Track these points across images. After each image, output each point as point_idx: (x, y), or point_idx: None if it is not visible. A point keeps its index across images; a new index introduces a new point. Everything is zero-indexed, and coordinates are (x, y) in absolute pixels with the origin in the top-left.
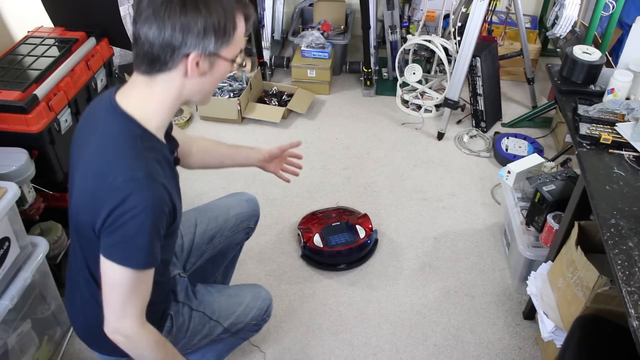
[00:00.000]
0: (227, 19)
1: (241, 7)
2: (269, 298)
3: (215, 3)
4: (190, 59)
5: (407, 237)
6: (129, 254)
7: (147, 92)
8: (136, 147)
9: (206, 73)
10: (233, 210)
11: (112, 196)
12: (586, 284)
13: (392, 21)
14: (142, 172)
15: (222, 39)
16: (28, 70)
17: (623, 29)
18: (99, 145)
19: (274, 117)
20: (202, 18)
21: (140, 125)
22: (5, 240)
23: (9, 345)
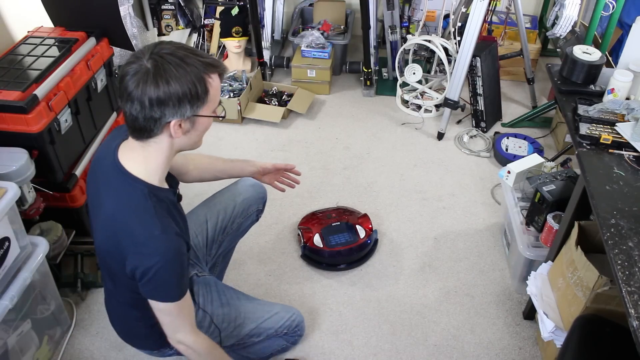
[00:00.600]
0: (198, 86)
1: (210, 70)
2: (300, 316)
3: (184, 76)
4: (171, 125)
5: (407, 237)
6: (166, 293)
7: (145, 154)
8: (147, 206)
9: (190, 131)
10: (240, 197)
11: (137, 253)
12: (586, 284)
13: (392, 21)
14: (158, 229)
15: (197, 103)
16: (28, 70)
17: (623, 29)
18: (116, 207)
19: (274, 117)
20: (175, 91)
21: (146, 183)
22: (5, 240)
23: (9, 345)
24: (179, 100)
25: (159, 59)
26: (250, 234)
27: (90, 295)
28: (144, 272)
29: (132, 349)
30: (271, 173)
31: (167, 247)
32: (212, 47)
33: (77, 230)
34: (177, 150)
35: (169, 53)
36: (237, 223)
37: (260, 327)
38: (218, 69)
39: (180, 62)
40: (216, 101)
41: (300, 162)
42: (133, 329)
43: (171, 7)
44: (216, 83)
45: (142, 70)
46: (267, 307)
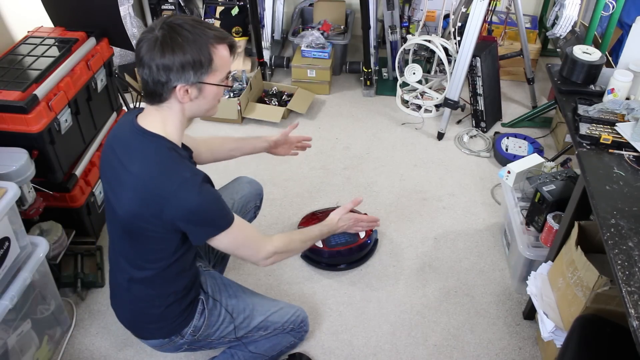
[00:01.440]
0: (201, 54)
1: (216, 40)
2: (304, 313)
3: (188, 44)
4: (177, 89)
5: (407, 237)
6: (218, 226)
7: (161, 117)
8: (172, 156)
9: (198, 97)
10: (238, 195)
11: (174, 200)
12: (586, 284)
13: (392, 21)
14: (188, 172)
15: (201, 70)
16: (28, 70)
17: (623, 29)
18: (144, 165)
19: (274, 117)
20: (178, 58)
21: (167, 139)
22: (5, 240)
23: (9, 345)
24: (182, 66)
25: (168, 28)
26: None
27: (90, 295)
28: (189, 216)
29: (132, 349)
30: (284, 145)
31: (201, 186)
32: None
33: (77, 230)
34: (189, 116)
35: (179, 24)
36: None
37: (267, 320)
38: (225, 40)
39: (187, 32)
40: (224, 71)
41: (300, 162)
42: (145, 313)
43: (171, 7)
44: (222, 53)
45: (152, 38)
46: (273, 302)
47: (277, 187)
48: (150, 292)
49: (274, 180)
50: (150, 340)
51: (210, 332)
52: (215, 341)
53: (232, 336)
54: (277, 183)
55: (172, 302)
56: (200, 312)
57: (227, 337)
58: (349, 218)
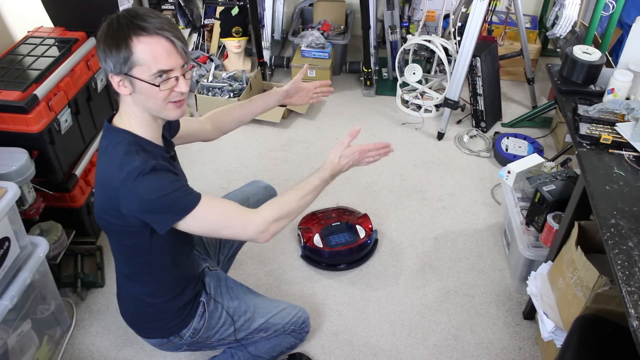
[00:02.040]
0: (118, 43)
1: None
2: (306, 313)
3: (110, 33)
4: (109, 78)
5: (407, 237)
6: (180, 209)
7: (122, 110)
8: (129, 150)
9: (134, 92)
10: (253, 198)
11: (125, 190)
12: (586, 284)
13: (392, 21)
14: (138, 161)
15: (120, 61)
16: (28, 70)
17: (623, 29)
18: (104, 159)
19: (274, 117)
20: (100, 48)
21: (131, 133)
22: (5, 240)
23: (9, 345)
24: (104, 55)
25: (110, 20)
26: None
27: (90, 295)
28: (141, 203)
29: (132, 348)
30: (299, 92)
31: (150, 171)
32: (212, 47)
33: (77, 230)
34: (145, 111)
35: (119, 15)
36: None
37: (268, 322)
38: (154, 34)
39: (117, 23)
40: (153, 65)
41: (300, 162)
42: (141, 312)
43: (171, 7)
44: (149, 47)
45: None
46: (275, 303)
47: (277, 187)
48: (140, 289)
49: (274, 181)
50: (149, 339)
51: (210, 334)
52: (215, 343)
53: (232, 338)
54: (277, 183)
55: (165, 300)
56: (201, 315)
57: (227, 339)
58: (352, 152)
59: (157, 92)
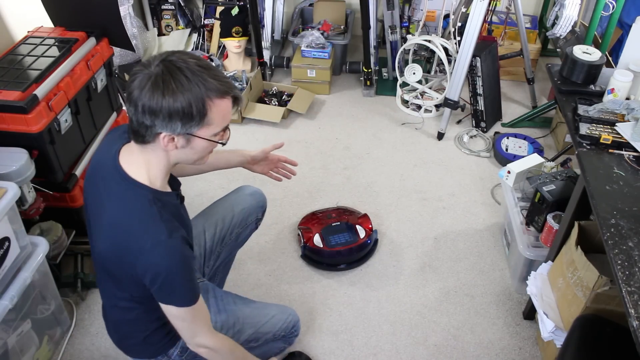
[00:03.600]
0: (194, 106)
1: (215, 95)
2: (296, 316)
3: (182, 92)
4: (161, 137)
5: (407, 237)
6: (179, 298)
7: (145, 159)
8: (152, 212)
9: (185, 147)
10: (238, 207)
11: (145, 259)
12: (586, 284)
13: (392, 21)
14: (164, 234)
15: (191, 123)
16: (28, 70)
17: (623, 29)
18: (119, 213)
19: (274, 117)
20: (167, 105)
21: (150, 189)
22: (5, 240)
23: (9, 345)
24: (169, 115)
25: (165, 69)
26: None
27: (90, 295)
28: (154, 278)
29: None
30: (264, 162)
31: (174, 252)
32: (212, 47)
33: (77, 230)
34: (175, 162)
35: (178, 67)
36: (236, 233)
37: (258, 332)
38: (227, 94)
39: (185, 78)
40: (220, 125)
41: (300, 162)
42: (129, 334)
43: (171, 7)
44: (221, 108)
45: (146, 76)
46: (264, 310)
47: (277, 187)
48: (128, 316)
49: (273, 181)
50: (136, 358)
51: None
52: None
53: None
54: (277, 183)
55: (155, 328)
56: None
57: None
58: None
59: (212, 148)
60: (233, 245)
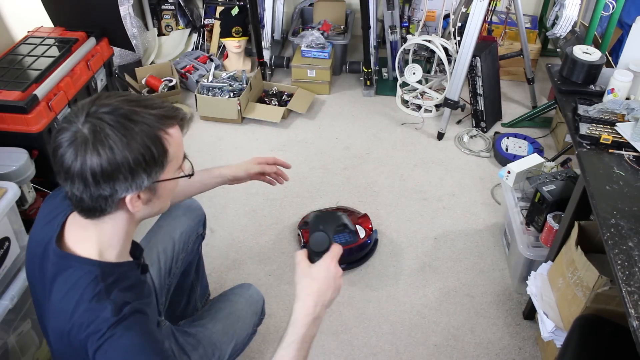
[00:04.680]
0: (153, 147)
1: (166, 124)
2: (261, 298)
3: (132, 138)
4: (127, 201)
5: (407, 237)
6: None
7: (98, 231)
8: (98, 290)
9: (151, 199)
10: (176, 232)
11: (96, 344)
12: (586, 284)
13: (392, 21)
14: (108, 311)
15: (155, 169)
16: (28, 70)
17: (623, 29)
18: (64, 299)
19: (274, 117)
20: (123, 161)
21: (99, 263)
22: (5, 241)
23: (9, 345)
24: (131, 170)
25: (96, 121)
26: (250, 234)
27: None
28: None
29: None
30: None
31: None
32: (212, 47)
33: None
34: (138, 221)
35: (108, 112)
36: (182, 259)
37: (237, 344)
38: (176, 119)
39: (125, 120)
40: (179, 157)
41: (300, 162)
42: None
43: (171, 7)
44: (176, 137)
45: (78, 138)
46: (233, 315)
47: (277, 187)
48: None
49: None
50: None
51: None
52: None
53: None
54: None
55: None
56: None
57: None
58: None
59: (178, 184)
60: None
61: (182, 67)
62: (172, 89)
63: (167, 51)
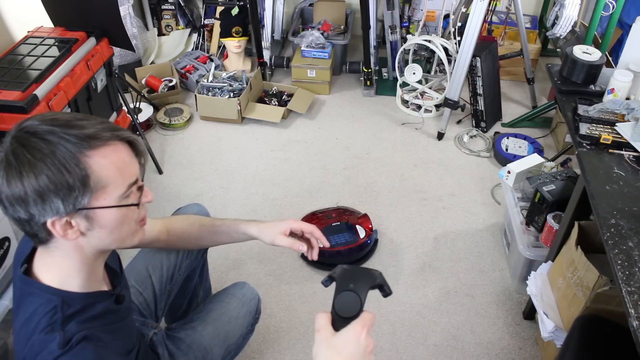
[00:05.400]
0: (67, 170)
1: (89, 146)
2: (255, 296)
3: (43, 160)
4: (49, 226)
5: (407, 237)
6: None
7: (54, 259)
8: (52, 319)
9: (92, 228)
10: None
11: None
12: (586, 284)
13: (392, 21)
14: (54, 343)
15: (73, 194)
16: (28, 70)
17: (623, 29)
18: (22, 326)
19: (274, 117)
20: (31, 186)
21: (60, 292)
22: (5, 240)
23: (9, 346)
24: (40, 195)
25: (15, 142)
26: None
27: None
28: None
29: None
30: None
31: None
32: (212, 47)
33: None
34: (95, 252)
35: (32, 131)
36: (185, 266)
37: (230, 345)
38: (108, 141)
39: (42, 141)
40: (121, 182)
41: (300, 162)
42: None
43: (171, 7)
44: (108, 160)
45: None
46: (224, 317)
47: (277, 187)
48: None
49: (274, 180)
50: None
51: None
52: None
53: None
54: (277, 183)
55: None
56: None
57: None
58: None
59: (131, 216)
60: (185, 277)
61: (182, 67)
62: (172, 89)
63: (167, 51)
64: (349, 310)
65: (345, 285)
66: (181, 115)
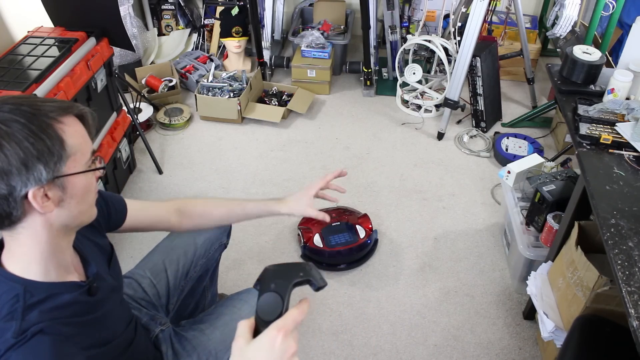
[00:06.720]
0: (45, 136)
1: (59, 113)
2: None
3: (20, 130)
4: (31, 198)
5: (407, 237)
6: None
7: (19, 244)
8: (13, 309)
9: (64, 198)
10: (200, 237)
11: None
12: (586, 284)
13: (392, 21)
14: (11, 333)
15: (53, 160)
16: (28, 70)
17: (623, 29)
18: None
19: (274, 117)
20: (14, 154)
21: (22, 280)
22: None
23: None
24: (24, 163)
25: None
26: (250, 234)
27: None
28: None
29: None
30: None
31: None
32: (212, 47)
33: None
34: (61, 228)
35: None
36: (201, 265)
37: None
38: (71, 110)
39: (11, 114)
40: (85, 151)
41: (300, 162)
42: None
43: (171, 7)
44: (74, 128)
45: None
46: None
47: (277, 187)
48: None
49: (274, 180)
50: None
51: None
52: None
53: None
54: (277, 183)
55: None
56: None
57: None
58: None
59: (94, 184)
60: (200, 275)
61: (182, 67)
62: (172, 89)
63: (167, 51)
64: (271, 313)
65: (267, 286)
66: (181, 115)
